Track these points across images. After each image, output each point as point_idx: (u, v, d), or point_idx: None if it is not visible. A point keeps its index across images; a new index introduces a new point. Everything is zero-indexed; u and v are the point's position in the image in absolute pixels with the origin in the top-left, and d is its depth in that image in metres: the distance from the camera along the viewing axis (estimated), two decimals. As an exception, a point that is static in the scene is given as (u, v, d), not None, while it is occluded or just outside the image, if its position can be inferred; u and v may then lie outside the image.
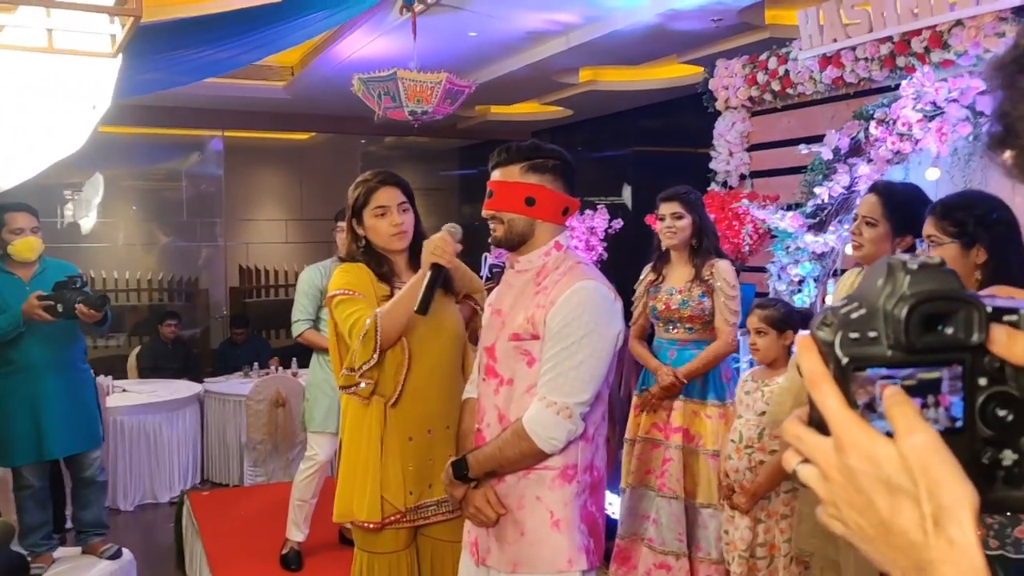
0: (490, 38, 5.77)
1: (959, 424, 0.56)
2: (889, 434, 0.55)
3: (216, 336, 9.13)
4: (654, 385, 3.46)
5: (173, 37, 5.39)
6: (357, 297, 2.41)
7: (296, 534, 4.08)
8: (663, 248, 3.55)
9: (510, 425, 2.02)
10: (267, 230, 9.99)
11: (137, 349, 7.40)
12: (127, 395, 6.07)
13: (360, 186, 2.56)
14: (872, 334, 0.56)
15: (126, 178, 9.20)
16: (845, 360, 0.56)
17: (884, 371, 0.56)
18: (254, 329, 8.22)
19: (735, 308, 3.37)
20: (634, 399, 3.66)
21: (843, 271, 3.80)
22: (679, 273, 3.51)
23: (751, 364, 3.38)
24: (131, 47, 3.73)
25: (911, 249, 2.53)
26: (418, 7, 4.91)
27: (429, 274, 2.24)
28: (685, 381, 3.41)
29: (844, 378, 0.56)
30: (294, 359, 6.55)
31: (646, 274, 3.66)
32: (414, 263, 2.55)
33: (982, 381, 0.56)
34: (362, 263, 2.52)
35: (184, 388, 6.40)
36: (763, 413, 2.99)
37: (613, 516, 3.63)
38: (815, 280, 4.01)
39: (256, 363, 6.73)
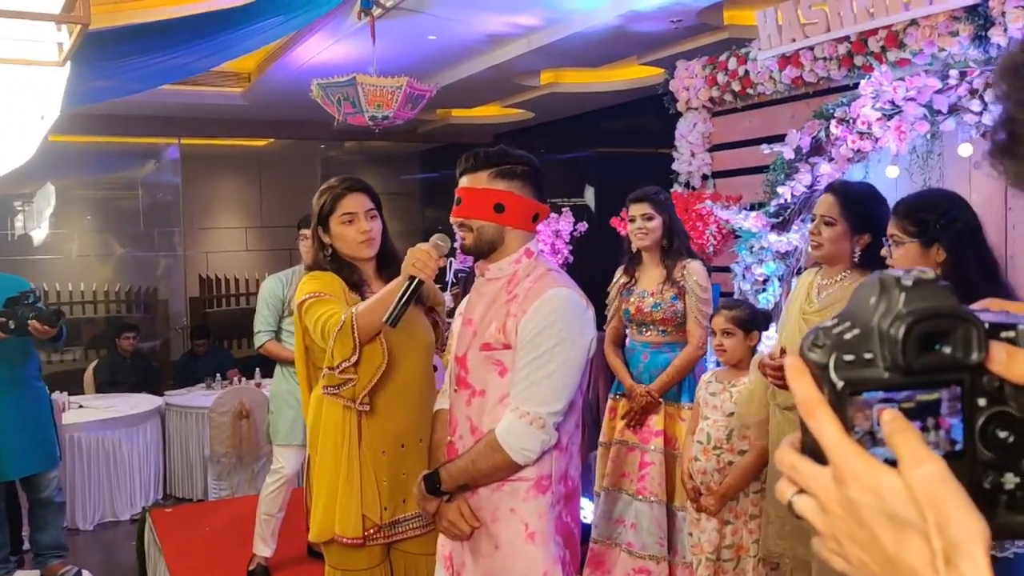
0: (450, 41, 5.73)
1: (959, 447, 0.53)
2: (890, 462, 0.52)
3: (176, 347, 8.97)
4: (632, 402, 3.45)
5: (124, 44, 5.28)
6: (329, 298, 2.35)
7: (263, 549, 4.00)
8: (634, 250, 3.53)
9: (483, 437, 1.99)
10: (227, 238, 9.84)
11: (94, 363, 7.22)
12: (84, 411, 5.91)
13: (326, 193, 2.50)
14: (868, 355, 0.53)
15: (79, 188, 9.01)
16: (840, 384, 0.53)
17: (881, 394, 0.53)
18: (216, 339, 8.08)
19: (707, 310, 3.36)
20: (609, 402, 3.65)
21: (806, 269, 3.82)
22: (651, 275, 3.49)
23: (717, 364, 3.38)
24: (80, 55, 3.63)
25: (869, 247, 2.56)
26: (376, 11, 4.86)
27: (405, 286, 2.15)
28: (659, 398, 3.40)
29: (840, 403, 0.53)
30: (257, 369, 6.44)
31: (619, 276, 3.65)
32: (383, 271, 2.49)
33: (981, 402, 0.53)
34: (330, 271, 2.46)
35: (144, 402, 6.27)
36: (731, 414, 2.99)
37: (586, 521, 3.61)
38: (779, 279, 4.04)
39: (218, 374, 6.62)
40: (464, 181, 2.08)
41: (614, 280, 3.68)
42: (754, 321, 3.09)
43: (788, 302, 2.92)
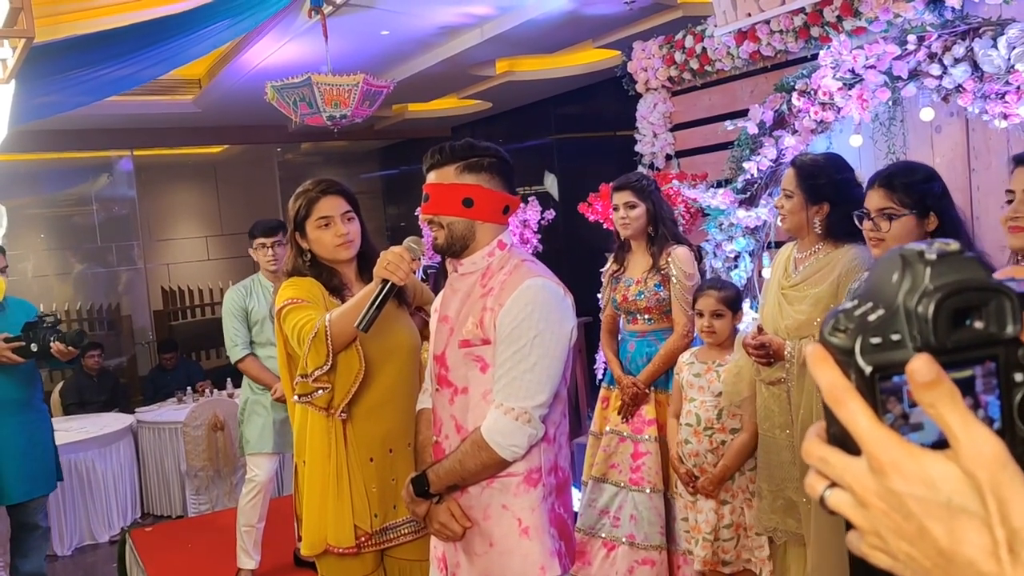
0: (403, 35, 5.66)
1: (996, 426, 0.51)
2: (929, 446, 0.49)
3: (144, 363, 8.81)
4: (622, 393, 3.43)
5: (68, 57, 5.14)
6: (306, 304, 2.30)
7: (247, 562, 3.93)
8: (622, 238, 3.51)
9: (468, 436, 1.95)
10: (187, 249, 9.68)
11: (60, 385, 7.06)
12: (54, 434, 5.77)
13: (300, 197, 2.44)
14: (895, 337, 0.50)
15: (31, 206, 8.79)
16: (869, 369, 0.50)
17: None
18: (184, 352, 7.94)
19: (691, 298, 3.35)
20: (601, 391, 3.64)
21: (778, 244, 3.84)
22: (638, 263, 3.48)
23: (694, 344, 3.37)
24: (24, 70, 3.52)
25: (829, 215, 2.58)
26: (327, 9, 4.77)
27: (378, 290, 2.10)
28: (646, 389, 3.39)
29: (870, 390, 0.50)
30: (228, 379, 6.34)
31: (609, 264, 3.64)
32: (365, 274, 2.44)
33: (1018, 376, 0.51)
34: (310, 277, 2.41)
35: (115, 421, 6.14)
36: (720, 394, 2.99)
37: (576, 510, 3.59)
38: (750, 255, 4.04)
39: (189, 387, 6.50)
40: (431, 177, 2.03)
41: (605, 268, 3.67)
42: (739, 300, 3.10)
43: (768, 278, 2.93)
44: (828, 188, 2.61)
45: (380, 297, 2.08)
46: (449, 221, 2.00)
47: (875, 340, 0.51)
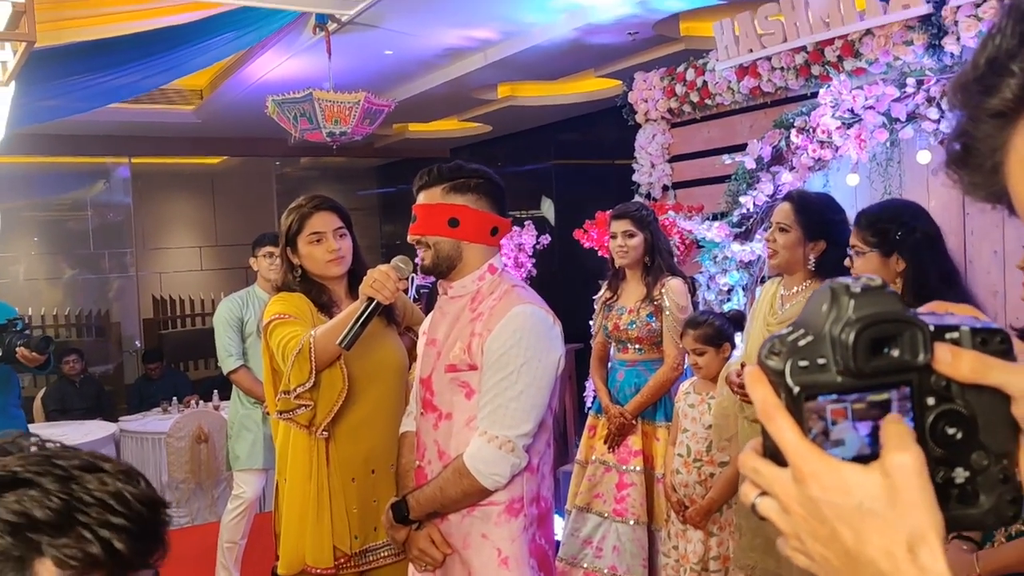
0: (407, 56, 5.68)
1: None
2: (852, 459, 0.55)
3: (130, 371, 8.74)
4: (609, 423, 3.41)
5: (70, 62, 5.14)
6: (293, 320, 2.29)
7: (226, 579, 3.88)
8: (617, 266, 3.51)
9: (451, 463, 1.93)
10: (181, 258, 9.64)
11: (43, 391, 6.99)
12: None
13: (293, 212, 2.45)
14: (821, 361, 0.55)
15: (26, 209, 8.76)
16: (797, 389, 0.55)
17: (834, 396, 0.55)
18: (171, 362, 7.88)
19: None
20: (589, 419, 3.61)
21: (770, 278, 3.83)
22: (632, 292, 3.47)
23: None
24: (25, 73, 3.52)
25: (824, 255, 2.59)
26: (332, 26, 4.79)
27: (362, 308, 2.10)
28: (633, 420, 3.37)
29: (797, 407, 0.56)
30: (215, 391, 6.29)
31: (603, 292, 3.63)
32: (355, 291, 2.43)
33: (930, 400, 0.56)
34: (299, 292, 2.40)
35: (97, 429, 6.07)
36: (710, 426, 2.98)
37: (557, 539, 3.56)
38: (743, 288, 4.04)
39: (175, 398, 6.44)
40: (420, 198, 2.04)
41: (598, 295, 3.66)
42: (723, 334, 3.08)
43: (752, 312, 2.93)
44: (826, 226, 2.61)
45: (364, 315, 2.08)
46: (435, 241, 1.99)
47: (803, 363, 0.55)
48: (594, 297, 3.73)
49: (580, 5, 4.73)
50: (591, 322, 3.76)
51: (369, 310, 2.08)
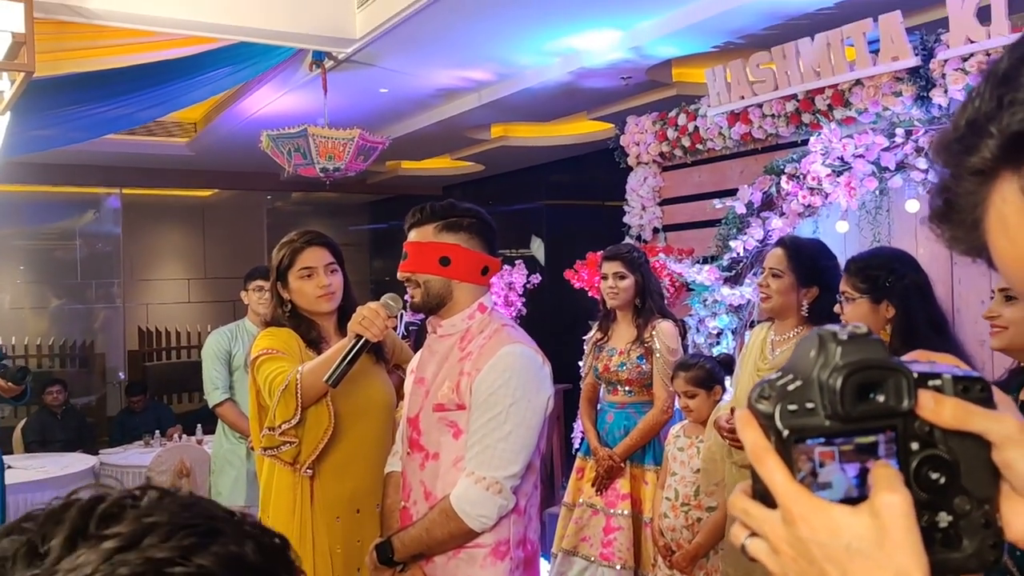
0: (402, 94, 5.73)
1: None
2: (840, 502, 0.56)
3: (114, 403, 8.64)
4: (597, 465, 3.39)
5: (66, 93, 5.16)
6: (281, 356, 2.28)
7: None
8: (608, 307, 3.51)
9: (437, 503, 1.91)
10: (169, 290, 9.60)
11: (23, 421, 6.89)
12: (12, 472, 5.59)
13: (284, 247, 2.45)
14: (809, 405, 0.57)
15: (14, 238, 8.72)
16: (786, 432, 0.57)
17: (822, 440, 0.57)
18: (155, 394, 7.79)
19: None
20: (577, 461, 3.58)
21: (759, 322, 3.84)
22: (622, 333, 3.47)
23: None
24: (21, 103, 3.52)
25: (817, 301, 2.60)
26: (328, 63, 4.83)
27: (351, 346, 2.09)
28: (621, 462, 3.35)
29: (786, 450, 0.57)
30: (199, 425, 6.21)
31: (593, 332, 3.62)
32: (344, 327, 2.42)
33: (914, 445, 0.58)
34: (288, 328, 2.39)
35: (76, 461, 5.96)
36: (699, 471, 2.96)
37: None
38: (732, 332, 4.04)
39: (157, 431, 6.36)
40: (411, 235, 2.04)
41: (589, 336, 3.65)
42: (714, 376, 3.08)
43: (742, 357, 2.93)
44: (819, 272, 2.63)
45: (352, 353, 2.07)
46: (426, 279, 1.99)
47: (792, 407, 0.57)
48: (584, 338, 3.73)
49: (574, 49, 4.80)
50: (580, 363, 3.75)
51: (357, 347, 2.07)
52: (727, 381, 3.24)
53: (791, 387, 0.58)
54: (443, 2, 3.89)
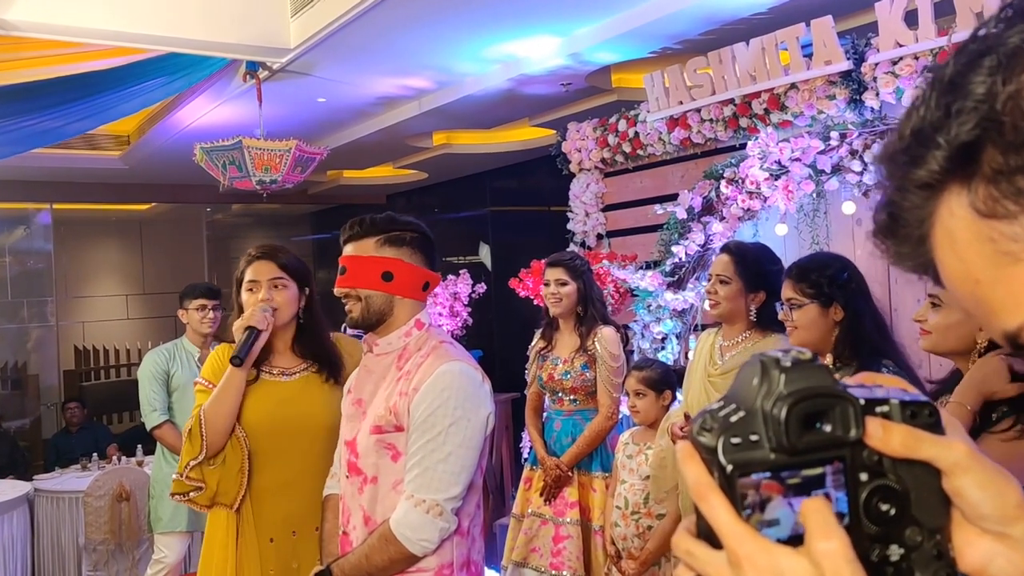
0: (340, 103, 5.64)
1: (845, 521, 0.55)
2: (787, 540, 0.54)
3: (49, 426, 8.35)
4: (545, 474, 3.36)
5: (-11, 106, 4.96)
6: (209, 389, 2.25)
7: (143, 648, 3.67)
8: (551, 315, 3.48)
9: (376, 528, 1.85)
10: (105, 307, 9.33)
11: (-47, 447, 6.61)
12: (-60, 502, 5.37)
13: (243, 259, 2.43)
14: (753, 437, 0.54)
15: (-61, 258, 8.39)
16: (730, 468, 0.54)
17: (768, 474, 0.54)
18: (93, 414, 7.54)
19: (617, 380, 3.32)
20: (525, 471, 3.55)
21: (703, 326, 3.86)
22: (566, 342, 3.46)
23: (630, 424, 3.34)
24: (-64, 119, 3.37)
25: (764, 304, 2.62)
26: (263, 74, 4.73)
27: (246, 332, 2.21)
28: (569, 471, 3.32)
29: (730, 485, 0.54)
30: (139, 446, 6.02)
31: (536, 341, 3.59)
32: (301, 345, 2.36)
33: (863, 476, 0.55)
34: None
35: (9, 488, 5.73)
36: (647, 477, 2.95)
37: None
38: (677, 337, 4.05)
39: (95, 454, 6.15)
40: (349, 249, 1.97)
41: (532, 344, 3.62)
42: (666, 380, 3.08)
43: (690, 364, 2.93)
44: (765, 276, 2.64)
45: (248, 337, 2.20)
46: (367, 295, 1.93)
47: (735, 440, 0.54)
48: (530, 346, 3.70)
49: (514, 56, 4.77)
50: (527, 370, 3.72)
51: (250, 333, 2.19)
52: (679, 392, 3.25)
53: (734, 418, 0.55)
54: (378, 10, 3.83)
